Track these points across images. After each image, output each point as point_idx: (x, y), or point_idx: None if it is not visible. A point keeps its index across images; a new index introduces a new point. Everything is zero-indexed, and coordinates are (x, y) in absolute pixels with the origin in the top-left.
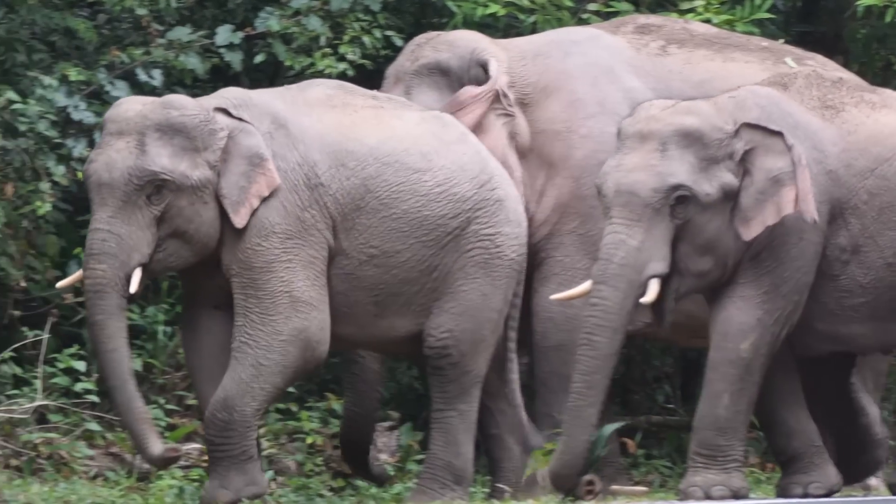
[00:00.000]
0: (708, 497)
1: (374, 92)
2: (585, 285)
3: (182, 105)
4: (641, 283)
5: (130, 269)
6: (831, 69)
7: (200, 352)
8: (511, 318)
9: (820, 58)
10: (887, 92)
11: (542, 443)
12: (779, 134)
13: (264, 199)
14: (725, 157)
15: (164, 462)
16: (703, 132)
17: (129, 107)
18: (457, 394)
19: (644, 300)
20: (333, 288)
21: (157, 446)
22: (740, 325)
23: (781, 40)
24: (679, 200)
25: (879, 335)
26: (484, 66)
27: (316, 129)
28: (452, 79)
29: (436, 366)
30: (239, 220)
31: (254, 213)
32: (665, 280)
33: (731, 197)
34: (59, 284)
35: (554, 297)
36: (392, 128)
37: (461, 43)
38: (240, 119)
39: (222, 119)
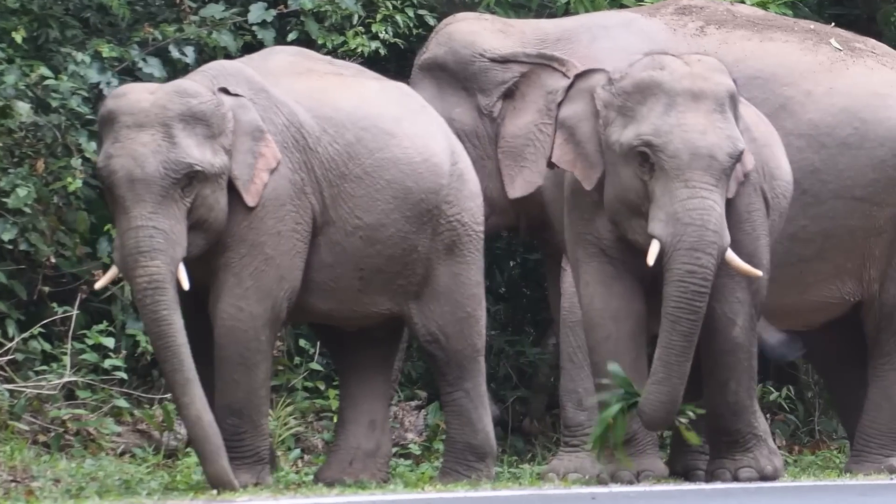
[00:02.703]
0: (735, 479)
1: (329, 58)
2: (655, 248)
3: (197, 92)
4: (723, 252)
5: (176, 265)
6: (881, 52)
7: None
8: None
9: (871, 42)
10: None
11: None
12: None
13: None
14: None
15: (224, 486)
16: (735, 93)
17: (139, 97)
18: (458, 374)
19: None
20: (322, 260)
21: (226, 469)
22: (723, 313)
23: (833, 24)
24: (734, 166)
25: None
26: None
27: (291, 96)
28: (450, 74)
29: (428, 352)
30: (251, 199)
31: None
32: None
33: None
34: (98, 285)
35: (650, 259)
36: (360, 94)
37: (458, 37)
38: (236, 95)
39: (226, 99)
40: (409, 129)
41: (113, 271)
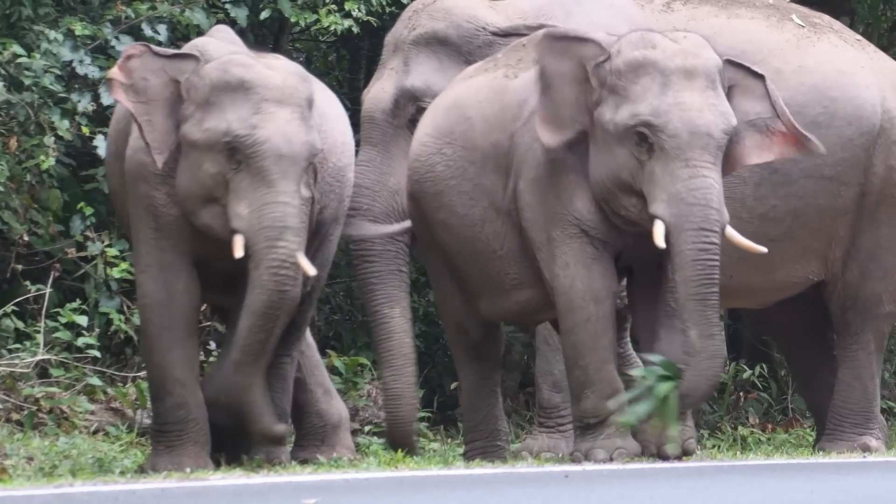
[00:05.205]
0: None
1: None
2: (660, 228)
3: (309, 76)
4: (724, 229)
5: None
6: (838, 28)
7: None
8: None
9: (826, 17)
10: None
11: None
12: (762, 77)
13: None
14: None
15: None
16: (722, 68)
17: (266, 72)
18: (297, 338)
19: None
20: None
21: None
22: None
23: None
24: (727, 142)
25: None
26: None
27: None
28: (451, 48)
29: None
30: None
31: None
32: None
33: None
34: (237, 255)
35: (658, 240)
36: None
37: (457, 11)
38: None
39: None
40: (338, 109)
41: (242, 239)
